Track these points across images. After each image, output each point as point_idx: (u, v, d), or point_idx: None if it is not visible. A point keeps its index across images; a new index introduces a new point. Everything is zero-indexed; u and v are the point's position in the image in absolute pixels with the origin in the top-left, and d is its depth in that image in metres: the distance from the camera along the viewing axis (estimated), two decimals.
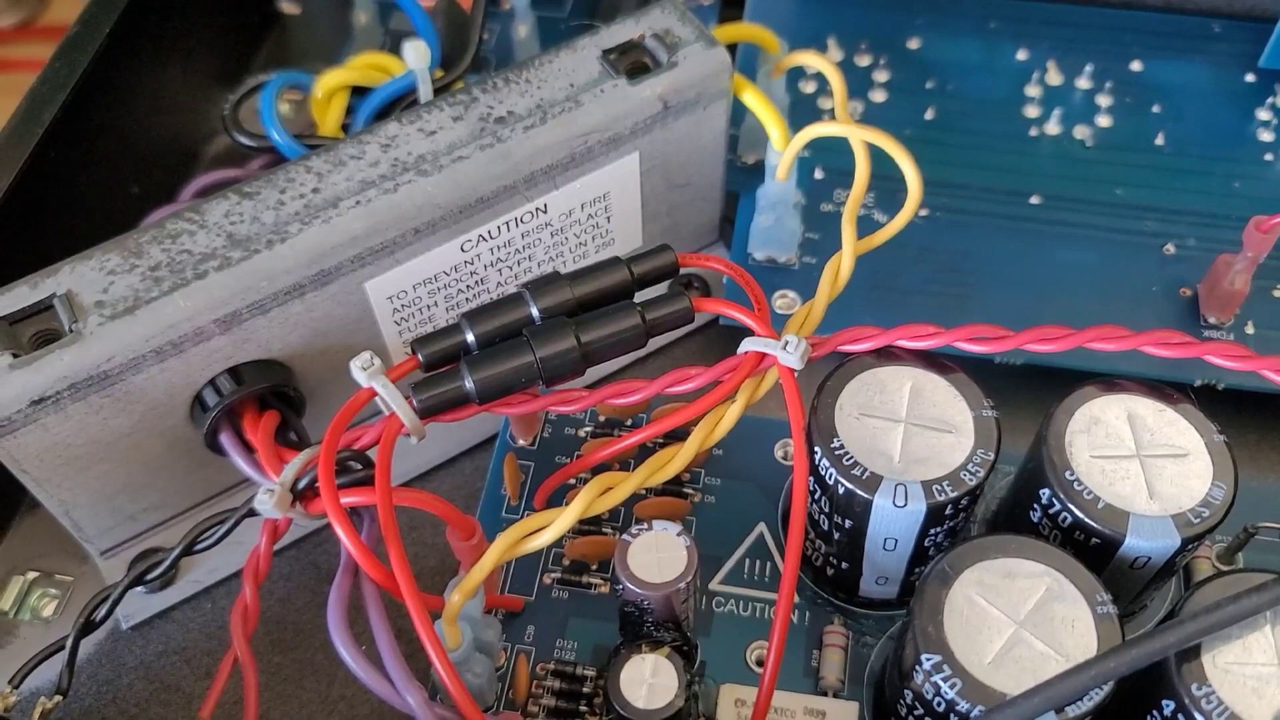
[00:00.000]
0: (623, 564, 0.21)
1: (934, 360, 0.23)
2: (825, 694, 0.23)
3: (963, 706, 0.19)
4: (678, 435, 0.23)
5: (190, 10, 0.34)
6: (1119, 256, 0.30)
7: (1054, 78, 0.34)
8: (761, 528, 0.26)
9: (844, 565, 0.23)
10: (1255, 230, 0.26)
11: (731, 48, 0.29)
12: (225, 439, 0.24)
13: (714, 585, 0.25)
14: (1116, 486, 0.21)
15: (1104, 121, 0.33)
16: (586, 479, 0.25)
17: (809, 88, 0.34)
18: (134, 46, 0.31)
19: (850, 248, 0.24)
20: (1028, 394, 0.25)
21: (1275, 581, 0.19)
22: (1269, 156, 0.32)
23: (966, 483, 0.21)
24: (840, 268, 0.24)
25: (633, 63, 0.26)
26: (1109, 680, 0.19)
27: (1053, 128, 0.33)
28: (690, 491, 0.26)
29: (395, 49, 0.30)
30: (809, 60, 0.29)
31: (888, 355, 0.23)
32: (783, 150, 0.28)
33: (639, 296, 0.23)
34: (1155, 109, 0.33)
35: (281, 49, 0.37)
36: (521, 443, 0.27)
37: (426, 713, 0.19)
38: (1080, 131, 0.32)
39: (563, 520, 0.21)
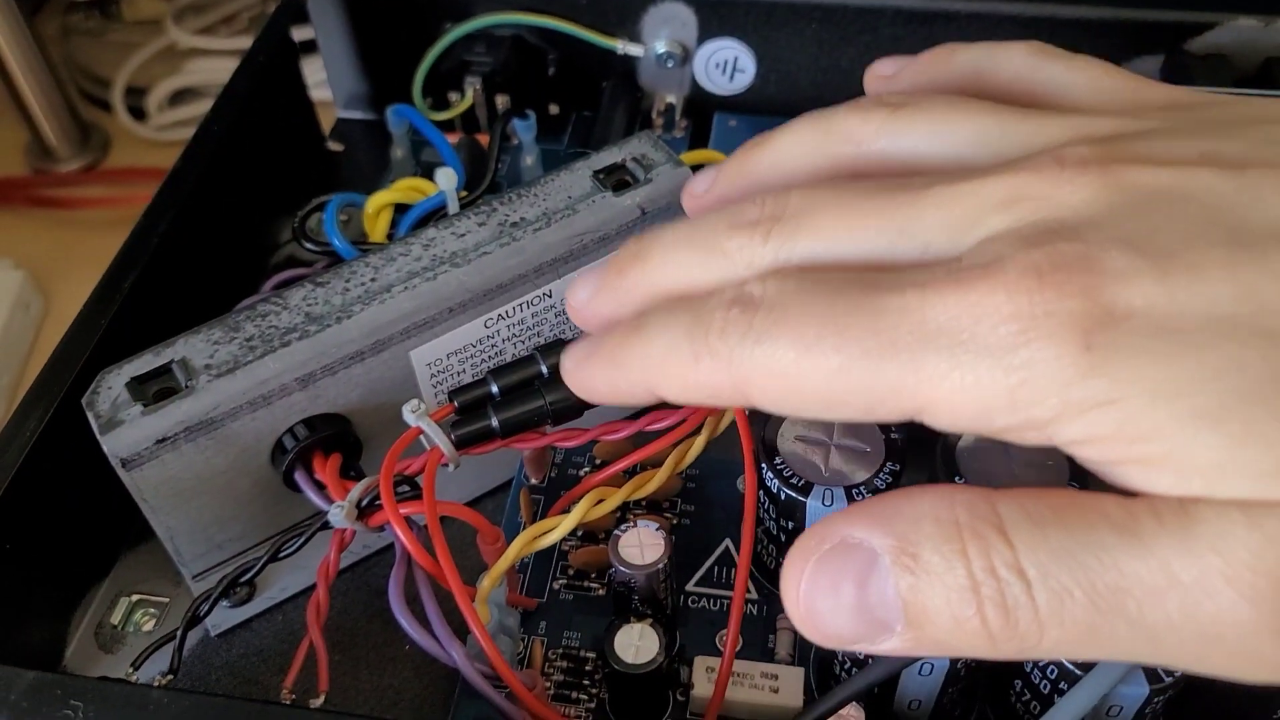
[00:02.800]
0: (615, 551, 0.27)
1: None
2: (778, 664, 0.29)
3: None
4: (657, 463, 0.29)
5: (259, 152, 0.41)
6: None
7: None
8: (727, 542, 0.32)
9: None
10: None
11: (696, 168, 0.36)
12: (299, 476, 0.30)
13: (690, 587, 0.31)
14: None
15: None
16: None
17: None
18: (219, 179, 0.38)
19: None
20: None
21: None
22: None
23: (878, 487, 0.27)
24: None
25: (617, 180, 0.33)
26: None
27: None
28: (670, 516, 0.32)
29: (428, 175, 0.38)
30: None
31: None
32: None
33: None
34: None
35: (329, 178, 0.45)
36: (534, 481, 0.33)
37: (466, 663, 0.25)
38: None
39: (568, 521, 0.27)
